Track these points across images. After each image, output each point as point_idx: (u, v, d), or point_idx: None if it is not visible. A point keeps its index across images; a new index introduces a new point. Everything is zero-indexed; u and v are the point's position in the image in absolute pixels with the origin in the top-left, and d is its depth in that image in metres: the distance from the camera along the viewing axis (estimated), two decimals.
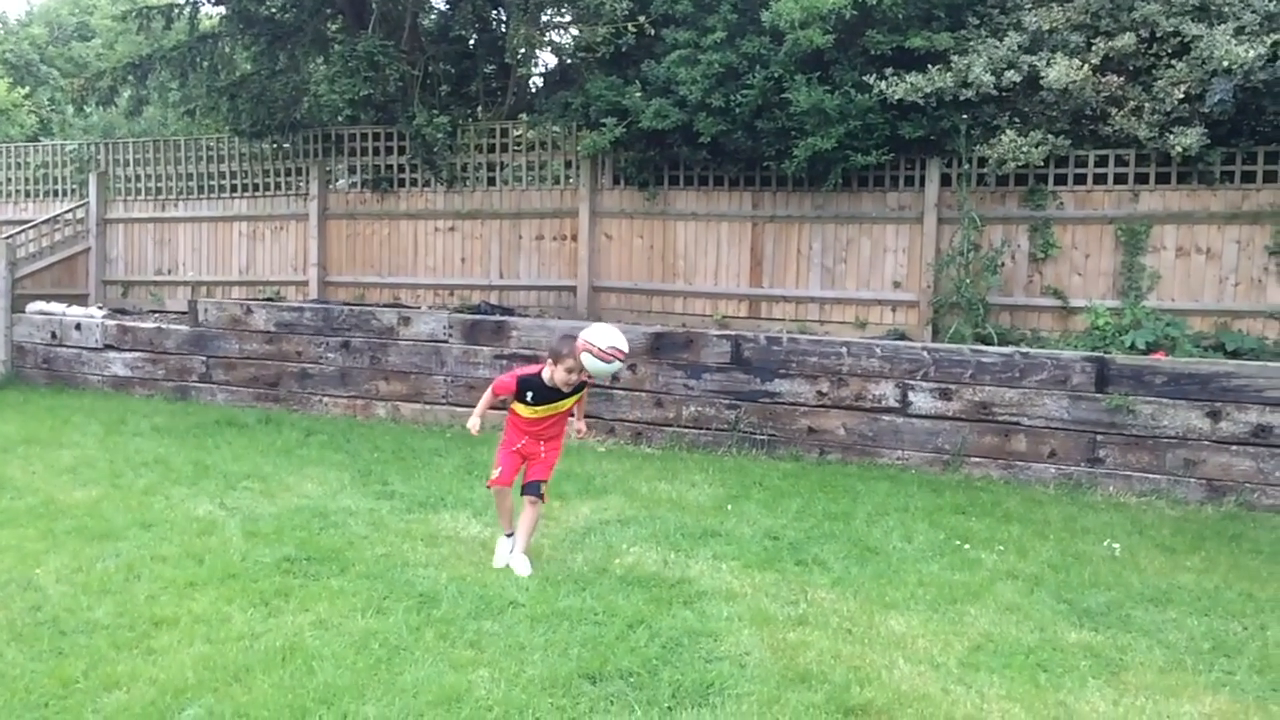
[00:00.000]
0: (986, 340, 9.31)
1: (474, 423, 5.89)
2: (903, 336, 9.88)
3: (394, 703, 4.14)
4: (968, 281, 9.65)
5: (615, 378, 5.73)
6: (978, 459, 8.74)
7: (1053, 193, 9.62)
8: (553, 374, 5.73)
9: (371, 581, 5.56)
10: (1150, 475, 8.23)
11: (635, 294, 11.30)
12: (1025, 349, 8.92)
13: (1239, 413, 8.02)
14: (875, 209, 10.30)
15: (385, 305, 11.77)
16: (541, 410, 5.86)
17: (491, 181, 12.07)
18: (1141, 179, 9.34)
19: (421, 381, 10.66)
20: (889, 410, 9.04)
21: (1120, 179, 9.40)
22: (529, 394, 5.83)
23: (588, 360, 5.60)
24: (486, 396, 5.93)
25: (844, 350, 9.25)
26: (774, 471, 8.60)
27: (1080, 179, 9.53)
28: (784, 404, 9.36)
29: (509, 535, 5.97)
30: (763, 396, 9.42)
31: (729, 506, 7.46)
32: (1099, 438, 8.40)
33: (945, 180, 9.92)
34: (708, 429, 9.59)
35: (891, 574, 6.05)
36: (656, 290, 11.22)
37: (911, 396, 8.99)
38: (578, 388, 5.85)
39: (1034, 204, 9.67)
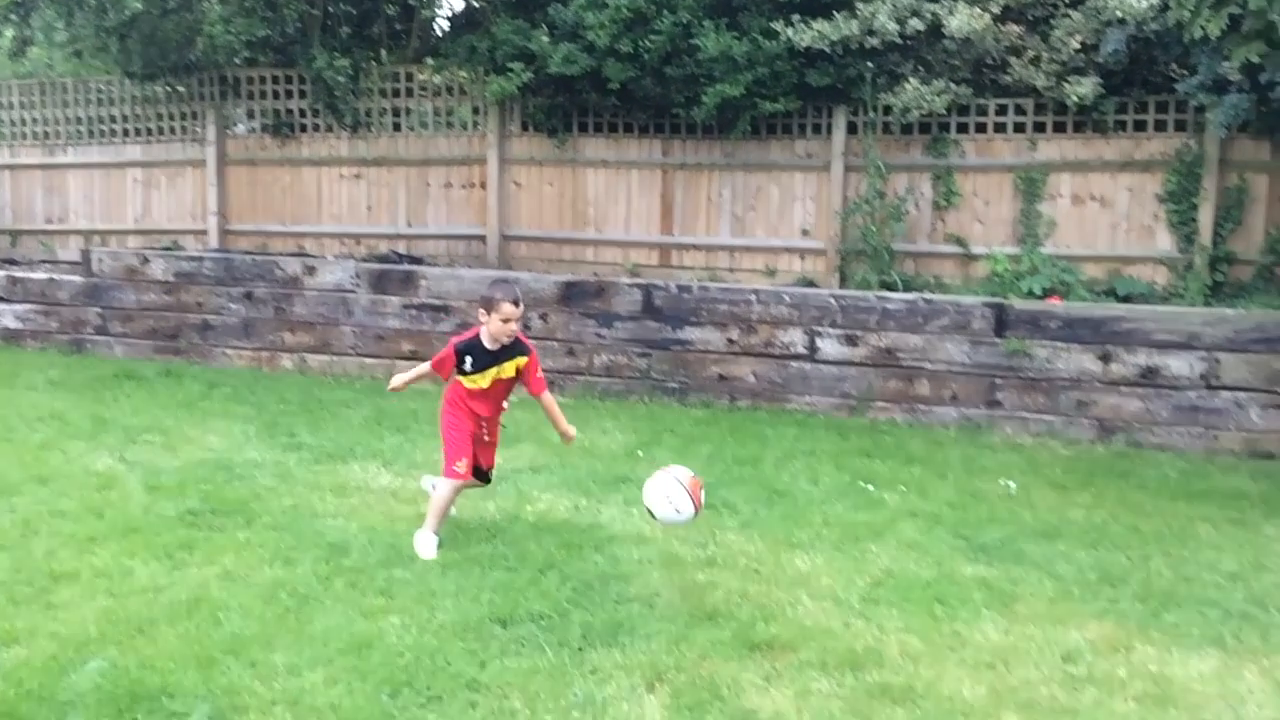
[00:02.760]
0: (891, 287, 9.50)
1: (397, 380, 5.48)
2: (811, 284, 10.03)
3: (303, 651, 4.13)
4: (874, 229, 9.82)
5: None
6: (883, 403, 8.94)
7: (955, 141, 9.81)
8: (488, 327, 5.25)
9: (279, 533, 5.50)
10: (1045, 416, 8.53)
11: (546, 243, 11.24)
12: (928, 295, 9.13)
13: (1129, 355, 8.33)
14: (784, 157, 10.38)
15: (289, 254, 11.51)
16: (483, 379, 5.32)
17: (397, 127, 11.84)
18: (1040, 128, 9.57)
19: (329, 332, 10.48)
20: (797, 357, 9.19)
21: (1019, 128, 9.62)
22: (468, 360, 5.31)
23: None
24: (423, 369, 5.49)
25: (753, 298, 9.35)
26: (685, 418, 8.69)
27: (981, 128, 9.73)
28: (695, 351, 9.43)
29: (436, 534, 5.33)
30: (674, 344, 9.48)
31: (640, 453, 7.53)
32: (998, 381, 8.67)
33: (852, 128, 10.04)
34: (620, 377, 9.64)
35: (798, 515, 6.19)
36: (568, 239, 11.17)
37: (819, 343, 9.14)
38: (518, 351, 5.38)
39: (937, 152, 9.85)
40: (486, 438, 5.51)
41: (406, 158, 11.71)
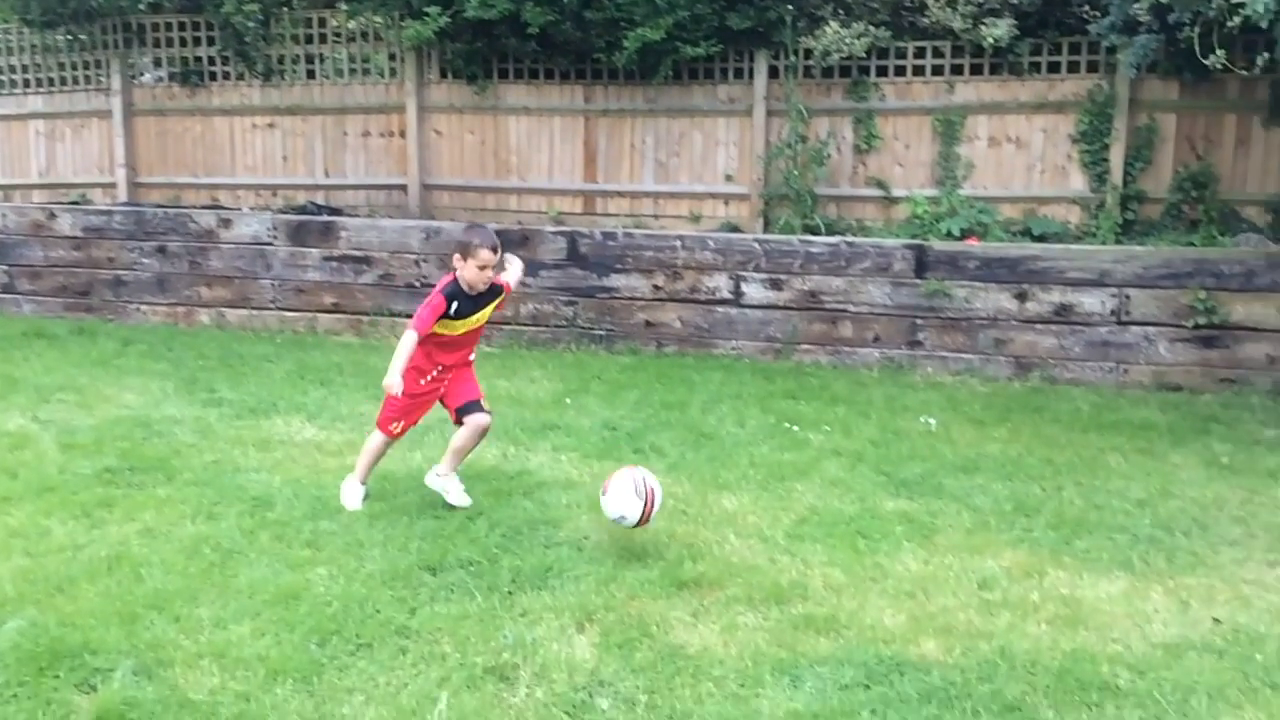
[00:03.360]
0: (814, 231, 9.57)
1: (394, 382, 4.88)
2: (735, 229, 10.06)
3: (229, 604, 4.09)
4: (796, 173, 9.86)
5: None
6: (807, 346, 9.06)
7: (875, 84, 9.86)
8: (463, 273, 5.00)
9: (201, 488, 5.42)
10: (964, 355, 8.71)
11: (469, 192, 11.09)
12: (850, 238, 9.23)
13: (1044, 293, 8.54)
14: (706, 102, 10.34)
15: (203, 207, 11.21)
16: (469, 323, 5.11)
17: (311, 75, 11.52)
18: (957, 70, 9.66)
19: (247, 286, 10.27)
20: (723, 302, 9.24)
21: (938, 71, 9.70)
22: (454, 305, 5.01)
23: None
24: (409, 343, 4.92)
25: (678, 244, 9.36)
26: (612, 365, 8.72)
27: (900, 71, 9.78)
28: (621, 299, 9.44)
29: (364, 484, 5.29)
30: (600, 292, 9.47)
31: (568, 400, 7.54)
32: (918, 321, 8.82)
33: (773, 72, 10.02)
34: (546, 326, 9.61)
35: (724, 457, 6.27)
36: (491, 188, 11.04)
37: (744, 288, 9.20)
38: (494, 295, 5.19)
39: (857, 96, 9.89)
40: (444, 387, 5.26)
41: (322, 106, 11.42)
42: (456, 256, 5.06)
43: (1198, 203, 9.11)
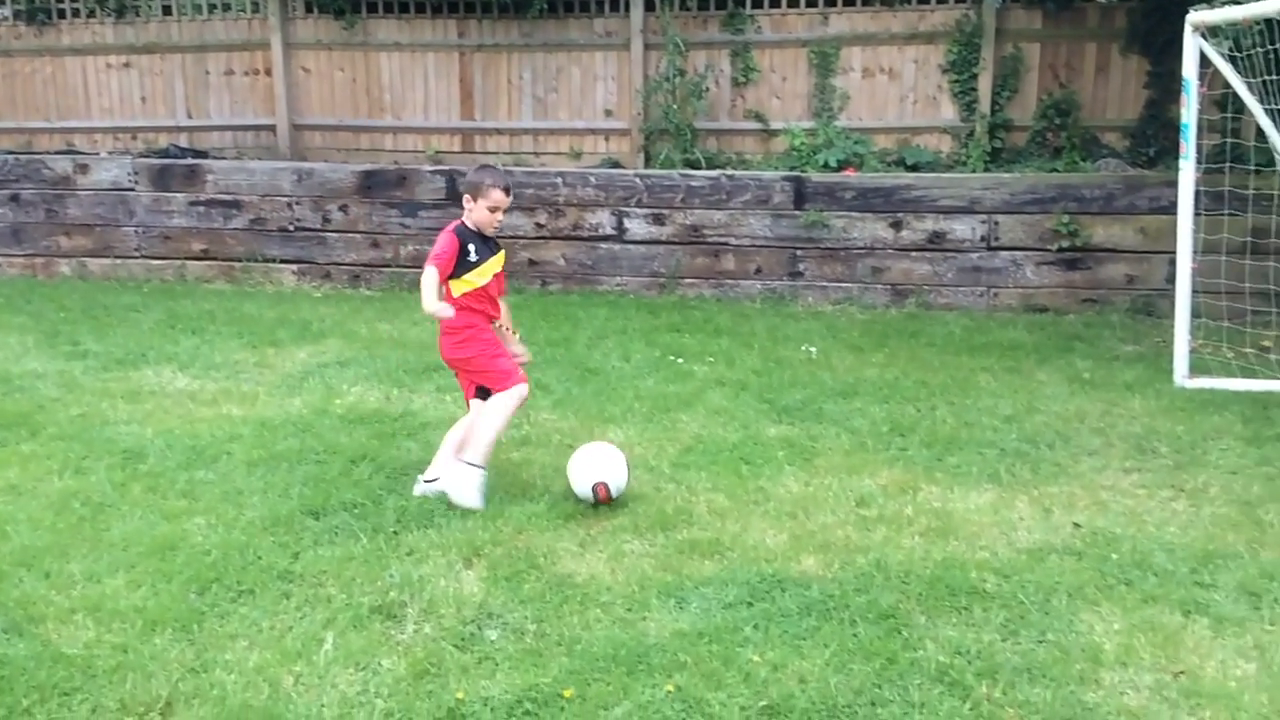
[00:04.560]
0: (695, 165, 9.59)
1: (441, 308, 4.45)
2: (616, 165, 10.01)
3: (101, 558, 3.97)
4: (675, 107, 9.83)
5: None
6: (691, 280, 9.12)
7: (750, 17, 9.85)
8: (473, 215, 4.66)
9: (67, 443, 5.22)
10: (843, 284, 8.89)
11: (341, 131, 10.76)
12: (730, 172, 9.28)
13: (918, 222, 8.74)
14: (583, 36, 10.20)
15: (58, 152, 10.64)
16: (486, 273, 4.67)
17: (168, 10, 10.96)
18: (831, 2, 9.71)
19: (109, 234, 9.82)
20: (606, 238, 9.22)
21: (811, 2, 9.74)
22: (471, 249, 4.60)
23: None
24: (431, 278, 4.46)
25: (559, 181, 9.28)
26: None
27: (775, 3, 9.79)
28: (503, 237, 9.19)
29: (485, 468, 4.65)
30: None
31: None
32: (798, 252, 8.96)
33: (650, 5, 9.92)
34: None
35: (610, 391, 6.30)
36: (364, 127, 10.72)
37: (627, 223, 9.19)
38: (499, 245, 4.85)
39: (734, 28, 9.87)
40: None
41: (181, 44, 10.89)
42: (466, 198, 4.69)
43: (1061, 130, 9.40)
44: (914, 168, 9.37)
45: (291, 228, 9.56)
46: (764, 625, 3.53)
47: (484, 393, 4.74)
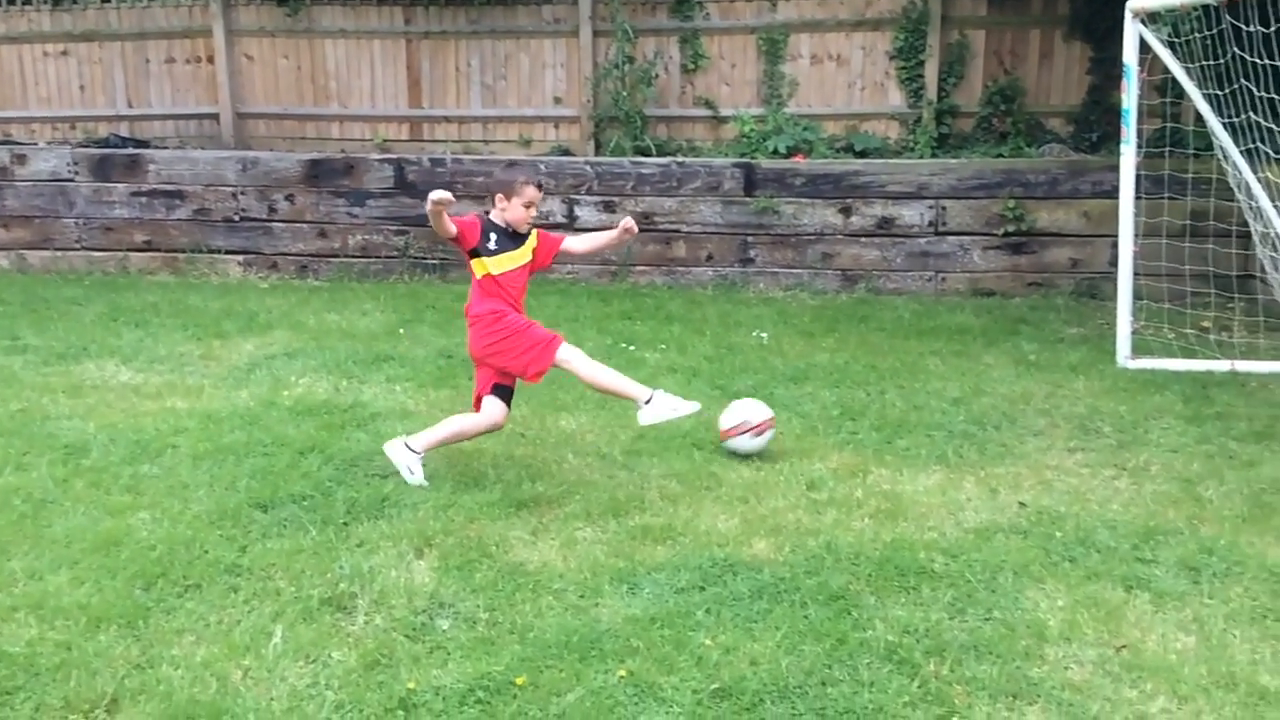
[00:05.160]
0: (645, 152, 9.58)
1: (437, 193, 4.28)
2: (566, 152, 9.97)
3: (44, 555, 3.90)
4: (625, 94, 9.81)
5: None
6: (643, 267, 9.12)
7: (699, 3, 9.85)
8: (506, 214, 4.65)
9: (7, 439, 5.11)
10: (794, 270, 8.94)
11: (287, 120, 10.61)
12: (681, 159, 9.29)
13: (866, 207, 8.81)
14: (531, 22, 10.14)
15: None
16: (507, 262, 4.66)
17: None
18: None
19: (49, 226, 9.62)
20: (557, 226, 9.17)
21: None
22: (492, 237, 4.62)
23: (744, 444, 4.95)
24: (448, 221, 4.45)
25: None
26: (447, 294, 8.58)
27: None
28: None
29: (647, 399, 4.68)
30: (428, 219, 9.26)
31: (402, 331, 7.41)
32: (749, 239, 8.99)
33: None
34: (377, 257, 9.37)
35: (562, 379, 6.19)
36: (310, 115, 10.59)
37: (578, 211, 9.17)
38: (527, 235, 4.77)
39: (682, 15, 9.87)
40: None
41: (120, 31, 10.66)
42: (499, 197, 4.64)
43: (1006, 115, 9.52)
44: (862, 154, 9.44)
45: (237, 218, 9.42)
46: (716, 609, 3.55)
47: (503, 392, 4.69)
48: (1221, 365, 6.41)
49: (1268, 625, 3.45)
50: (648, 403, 4.66)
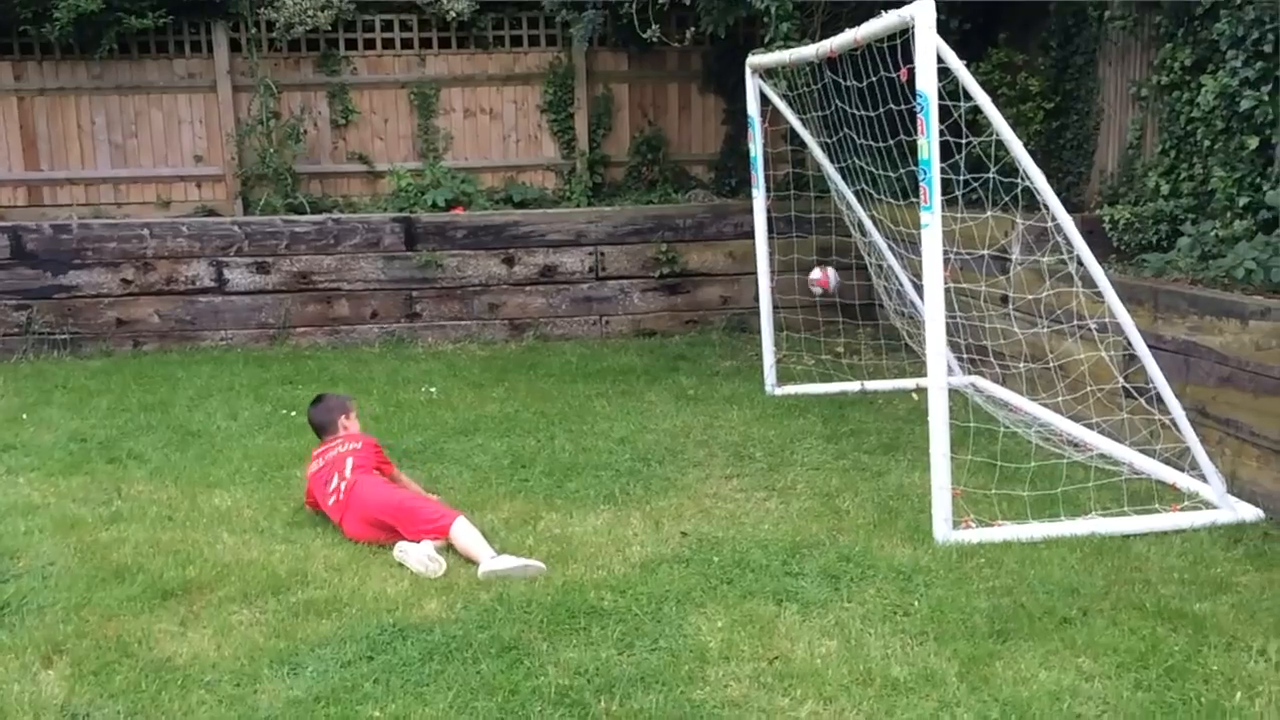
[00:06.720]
0: (299, 209, 9.25)
1: None
2: (212, 212, 9.44)
3: None
4: (272, 151, 9.43)
5: None
6: (304, 329, 8.78)
7: (346, 58, 9.68)
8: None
9: None
10: (462, 322, 8.93)
11: None
12: (337, 215, 9.06)
13: (529, 256, 8.97)
14: (163, 78, 9.54)
15: None
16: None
17: None
18: (427, 44, 9.75)
19: None
20: (205, 291, 8.68)
21: (407, 44, 9.72)
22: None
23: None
24: None
25: (146, 232, 8.62)
26: (80, 371, 7.86)
27: (370, 44, 9.68)
28: (85, 297, 8.52)
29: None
30: (57, 292, 8.47)
31: (25, 416, 6.68)
32: (414, 293, 8.89)
33: (236, 45, 9.48)
34: None
35: (215, 453, 5.91)
36: None
37: (228, 274, 8.70)
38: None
39: (329, 70, 9.65)
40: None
41: None
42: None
43: (654, 164, 10.03)
44: (522, 204, 9.61)
45: None
46: (384, 678, 3.42)
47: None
48: (853, 386, 7.03)
49: (898, 621, 3.78)
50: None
